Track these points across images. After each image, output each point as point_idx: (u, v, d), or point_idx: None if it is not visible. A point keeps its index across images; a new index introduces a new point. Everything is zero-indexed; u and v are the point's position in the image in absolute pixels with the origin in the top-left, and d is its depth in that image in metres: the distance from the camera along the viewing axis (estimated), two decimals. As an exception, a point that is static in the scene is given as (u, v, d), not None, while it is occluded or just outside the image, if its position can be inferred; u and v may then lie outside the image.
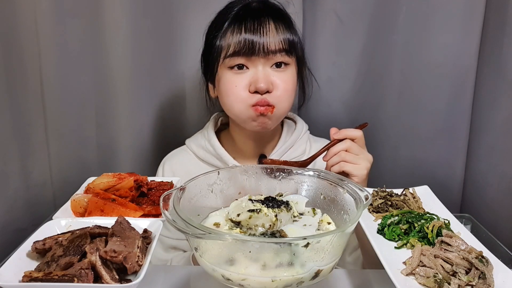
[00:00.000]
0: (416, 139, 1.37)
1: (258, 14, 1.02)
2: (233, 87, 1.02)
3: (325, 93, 1.35)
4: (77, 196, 0.86)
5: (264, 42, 1.00)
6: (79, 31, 1.22)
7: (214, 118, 1.20)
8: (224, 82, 1.04)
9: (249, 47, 0.99)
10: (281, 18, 1.05)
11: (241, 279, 0.62)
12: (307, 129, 1.21)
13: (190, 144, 1.18)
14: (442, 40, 1.27)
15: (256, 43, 0.99)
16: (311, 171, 0.81)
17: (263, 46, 1.00)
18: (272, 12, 1.04)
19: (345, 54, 1.33)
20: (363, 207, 0.67)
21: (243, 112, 1.03)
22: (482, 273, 0.68)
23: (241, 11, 1.03)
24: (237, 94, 1.02)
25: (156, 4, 1.25)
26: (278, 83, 1.02)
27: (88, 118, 1.30)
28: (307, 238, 0.59)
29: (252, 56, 1.00)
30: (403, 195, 0.93)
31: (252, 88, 1.01)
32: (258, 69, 1.01)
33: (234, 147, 1.15)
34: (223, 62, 1.03)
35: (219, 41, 1.03)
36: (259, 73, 1.01)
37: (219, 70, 1.05)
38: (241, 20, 1.01)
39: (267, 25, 1.01)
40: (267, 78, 1.01)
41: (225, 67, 1.03)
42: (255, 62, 1.01)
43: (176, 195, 0.70)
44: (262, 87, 1.00)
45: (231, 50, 1.01)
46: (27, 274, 0.64)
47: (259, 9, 1.04)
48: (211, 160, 1.14)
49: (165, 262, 1.11)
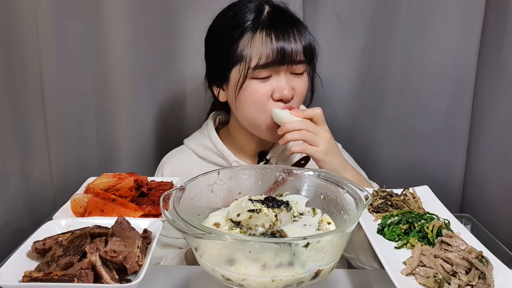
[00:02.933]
0: (416, 139, 1.37)
1: (281, 21, 1.01)
2: (258, 97, 1.01)
3: (325, 93, 1.35)
4: (77, 196, 0.86)
5: (293, 49, 0.99)
6: (79, 31, 1.22)
7: (213, 116, 1.19)
8: (250, 92, 1.02)
9: (281, 56, 0.99)
10: (298, 23, 1.04)
11: (241, 279, 0.62)
12: None
13: (189, 143, 1.18)
14: (442, 40, 1.27)
15: (286, 52, 0.99)
16: (311, 171, 0.81)
17: (291, 54, 0.99)
18: (291, 19, 1.03)
19: (345, 54, 1.33)
20: (363, 207, 0.67)
21: (265, 122, 1.03)
22: (482, 273, 0.68)
23: (263, 17, 1.01)
24: (263, 103, 1.02)
25: (156, 4, 1.25)
26: (298, 88, 1.03)
27: (88, 118, 1.30)
28: (307, 238, 0.59)
29: (279, 66, 1.00)
30: (403, 195, 0.93)
31: (276, 96, 1.01)
32: (280, 76, 1.01)
33: (234, 145, 1.15)
34: (252, 72, 1.00)
35: (245, 49, 0.99)
36: (282, 81, 1.01)
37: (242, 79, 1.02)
38: (267, 27, 1.00)
39: (293, 33, 1.00)
40: (290, 86, 1.02)
41: (250, 77, 1.01)
42: (279, 71, 1.01)
43: (176, 195, 0.69)
44: (287, 95, 1.00)
45: (263, 61, 0.98)
46: (27, 274, 0.64)
47: (280, 15, 1.03)
48: (212, 158, 1.13)
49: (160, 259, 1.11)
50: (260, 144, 1.15)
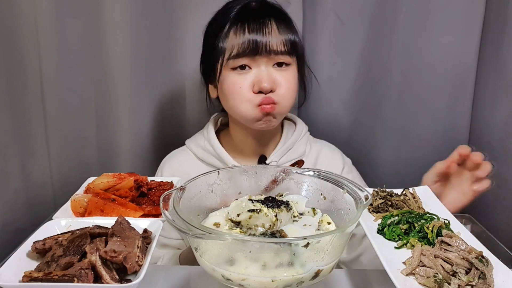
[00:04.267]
0: (416, 139, 1.37)
1: (259, 14, 1.03)
2: (237, 88, 1.03)
3: (325, 93, 1.35)
4: (77, 196, 0.86)
5: (267, 41, 1.00)
6: (79, 31, 1.22)
7: (214, 118, 1.20)
8: (228, 84, 1.04)
9: (253, 47, 1.00)
10: (282, 18, 1.05)
11: (241, 279, 0.62)
12: (306, 130, 1.21)
13: (190, 144, 1.18)
14: (442, 40, 1.27)
15: (259, 43, 1.00)
16: (311, 171, 0.81)
17: (265, 46, 1.00)
18: (272, 12, 1.05)
19: (345, 54, 1.33)
20: (363, 207, 0.67)
21: (249, 113, 1.04)
22: (482, 273, 0.68)
23: (242, 12, 1.04)
24: (242, 95, 1.03)
25: (155, 4, 1.25)
26: (281, 81, 1.03)
27: (88, 118, 1.30)
28: (307, 238, 0.59)
29: (255, 56, 1.01)
30: (403, 195, 0.93)
31: (256, 88, 1.02)
32: (261, 68, 1.02)
33: (234, 147, 1.15)
34: (227, 63, 1.03)
35: (222, 42, 1.03)
36: (262, 73, 1.02)
37: (222, 72, 1.05)
38: (243, 20, 1.02)
39: (269, 25, 1.01)
40: (270, 77, 1.02)
41: (228, 69, 1.03)
42: (258, 62, 1.02)
43: (176, 195, 0.69)
44: (266, 86, 1.01)
45: (235, 52, 1.01)
46: (27, 274, 0.64)
47: (260, 9, 1.05)
48: (211, 160, 1.14)
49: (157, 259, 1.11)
50: (260, 146, 1.15)
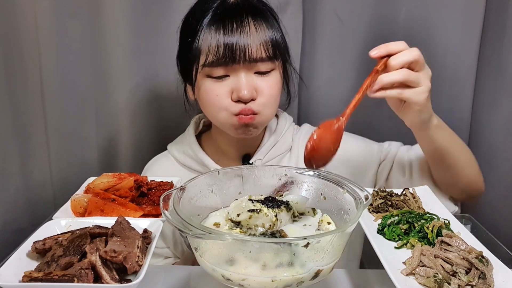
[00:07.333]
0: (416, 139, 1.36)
1: (236, 12, 0.93)
2: (213, 96, 0.95)
3: (325, 93, 1.35)
4: (77, 196, 0.86)
5: (246, 46, 0.91)
6: (79, 31, 1.22)
7: (195, 121, 1.15)
8: (204, 91, 0.96)
9: (229, 55, 0.90)
10: (261, 15, 0.95)
11: (241, 279, 0.62)
12: (291, 122, 1.15)
13: (172, 149, 1.14)
14: (442, 40, 1.27)
15: (236, 49, 0.90)
16: (311, 171, 0.81)
17: (244, 53, 0.91)
18: (251, 9, 0.94)
19: (345, 54, 1.33)
20: (363, 207, 0.67)
21: (227, 121, 0.97)
22: (482, 273, 0.68)
23: (218, 9, 0.94)
24: (219, 103, 0.95)
25: (156, 4, 1.25)
26: (262, 88, 0.95)
27: (88, 118, 1.30)
28: (307, 238, 0.59)
29: (233, 64, 0.92)
30: (403, 195, 0.93)
31: (234, 96, 0.94)
32: (240, 76, 0.93)
33: (217, 149, 1.10)
34: (202, 70, 0.94)
35: (197, 43, 0.93)
36: (241, 81, 0.93)
37: (198, 77, 0.97)
38: (219, 20, 0.92)
39: (247, 26, 0.92)
40: (250, 86, 0.93)
41: (204, 75, 0.95)
42: (237, 69, 0.93)
43: (176, 195, 0.69)
44: (246, 95, 0.92)
45: (210, 59, 0.92)
46: (27, 274, 0.64)
47: (237, 7, 0.95)
48: (194, 166, 1.09)
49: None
50: (243, 147, 1.09)
